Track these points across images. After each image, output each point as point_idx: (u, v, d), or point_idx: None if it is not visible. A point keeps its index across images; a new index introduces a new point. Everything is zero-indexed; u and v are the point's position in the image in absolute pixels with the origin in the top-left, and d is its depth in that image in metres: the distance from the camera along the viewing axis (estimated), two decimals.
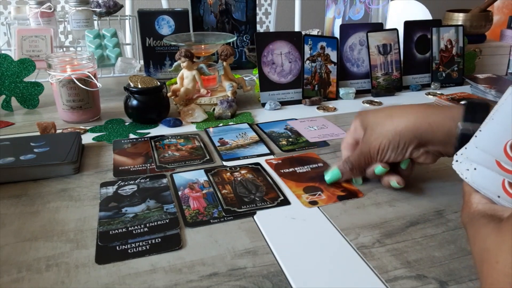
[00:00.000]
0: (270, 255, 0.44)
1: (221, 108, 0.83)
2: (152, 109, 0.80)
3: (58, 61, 0.79)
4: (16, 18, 1.10)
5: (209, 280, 0.41)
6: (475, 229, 0.37)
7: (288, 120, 0.83)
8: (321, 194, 0.56)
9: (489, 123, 0.39)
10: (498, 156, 0.37)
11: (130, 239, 0.47)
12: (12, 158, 0.61)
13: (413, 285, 0.40)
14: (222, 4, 1.13)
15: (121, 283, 0.41)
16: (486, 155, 0.38)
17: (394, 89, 0.99)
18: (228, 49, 0.87)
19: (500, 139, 0.37)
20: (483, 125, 0.40)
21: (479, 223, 0.37)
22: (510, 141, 0.37)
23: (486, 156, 0.38)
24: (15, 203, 0.54)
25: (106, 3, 1.09)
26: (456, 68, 1.05)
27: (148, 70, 1.08)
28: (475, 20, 1.16)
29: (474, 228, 0.38)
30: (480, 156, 0.39)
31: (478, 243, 0.36)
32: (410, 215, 0.51)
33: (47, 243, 0.46)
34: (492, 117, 0.39)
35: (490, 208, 0.38)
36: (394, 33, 0.99)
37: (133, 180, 0.59)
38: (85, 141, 0.73)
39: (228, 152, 0.69)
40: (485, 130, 0.39)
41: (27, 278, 0.41)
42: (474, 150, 0.40)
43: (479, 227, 0.37)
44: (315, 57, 0.93)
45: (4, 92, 0.87)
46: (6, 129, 0.80)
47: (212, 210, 0.52)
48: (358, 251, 0.45)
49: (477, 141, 0.40)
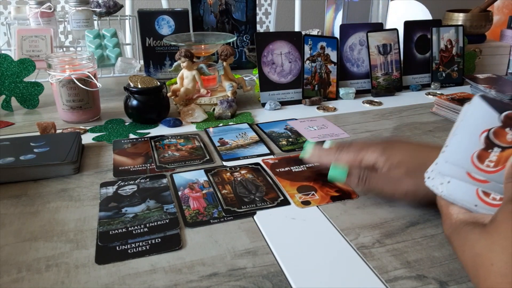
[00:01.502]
0: (270, 255, 0.44)
1: (221, 108, 0.83)
2: (152, 109, 0.80)
3: (58, 61, 0.79)
4: (16, 18, 1.10)
5: (209, 280, 0.41)
6: (461, 237, 0.38)
7: (288, 120, 0.83)
8: (314, 194, 0.56)
9: (453, 137, 0.41)
10: (468, 168, 0.39)
11: (130, 239, 0.47)
12: (12, 158, 0.61)
13: (413, 285, 0.40)
14: (222, 4, 1.13)
15: (121, 283, 0.41)
16: (457, 168, 0.40)
17: (394, 89, 0.99)
18: (228, 49, 0.87)
19: (467, 151, 0.39)
20: (448, 140, 0.42)
21: (464, 231, 0.38)
22: (476, 151, 0.39)
23: (457, 169, 0.40)
24: (15, 203, 0.54)
25: (106, 3, 1.09)
26: (456, 68, 1.05)
27: (148, 70, 1.08)
28: (475, 20, 1.16)
29: (460, 237, 0.38)
30: (452, 169, 0.40)
31: (467, 251, 0.37)
32: (410, 215, 0.51)
33: (47, 243, 0.46)
34: (455, 132, 0.41)
35: (471, 216, 0.39)
36: (394, 33, 0.99)
37: (133, 180, 0.59)
38: (85, 141, 0.73)
39: (228, 152, 0.69)
40: (451, 145, 0.41)
41: (27, 278, 0.41)
42: (444, 164, 0.41)
43: (466, 235, 0.37)
44: (315, 57, 0.93)
45: (4, 92, 0.87)
46: (6, 129, 0.80)
47: (212, 210, 0.52)
48: (358, 251, 0.45)
49: (446, 156, 0.41)
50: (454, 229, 0.39)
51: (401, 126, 0.80)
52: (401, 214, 0.52)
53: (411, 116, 0.85)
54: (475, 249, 0.36)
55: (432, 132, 0.77)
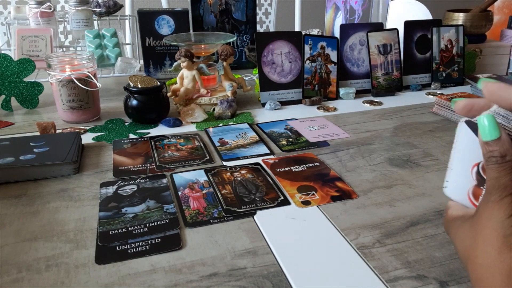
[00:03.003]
0: (270, 255, 0.44)
1: (221, 108, 0.83)
2: (152, 109, 0.80)
3: (58, 61, 0.79)
4: (16, 18, 1.10)
5: (209, 280, 0.41)
6: (454, 232, 0.38)
7: (288, 120, 0.83)
8: (314, 194, 0.56)
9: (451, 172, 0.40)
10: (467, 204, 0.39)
11: (130, 239, 0.47)
12: (12, 158, 0.61)
13: (413, 285, 0.40)
14: (222, 4, 1.13)
15: (121, 283, 0.40)
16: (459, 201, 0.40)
17: (394, 89, 0.99)
18: (228, 49, 0.87)
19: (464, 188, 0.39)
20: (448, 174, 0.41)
21: (455, 225, 0.38)
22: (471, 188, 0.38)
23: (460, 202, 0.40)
24: (15, 203, 0.54)
25: (106, 3, 1.09)
26: (456, 68, 1.05)
27: (148, 70, 1.08)
28: (475, 20, 1.16)
29: (453, 232, 0.38)
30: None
31: (459, 244, 0.37)
32: (410, 215, 0.51)
33: (47, 243, 0.46)
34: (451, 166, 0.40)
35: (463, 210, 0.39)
36: (394, 33, 0.99)
37: (133, 180, 0.59)
38: (85, 141, 0.73)
39: (228, 152, 0.69)
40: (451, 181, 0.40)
41: (27, 278, 0.41)
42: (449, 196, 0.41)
43: (457, 229, 0.38)
44: (315, 57, 0.93)
45: (4, 92, 0.87)
46: (6, 129, 0.80)
47: (212, 210, 0.52)
48: (358, 251, 0.45)
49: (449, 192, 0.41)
50: (448, 225, 0.40)
51: (401, 126, 0.80)
52: (401, 214, 0.52)
53: (411, 116, 0.85)
54: (465, 243, 0.36)
55: (432, 132, 0.77)
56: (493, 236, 0.33)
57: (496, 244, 0.33)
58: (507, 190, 0.33)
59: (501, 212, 0.33)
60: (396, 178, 0.60)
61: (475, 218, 0.35)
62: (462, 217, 0.38)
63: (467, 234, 0.36)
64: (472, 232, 0.35)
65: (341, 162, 0.65)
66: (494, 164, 0.34)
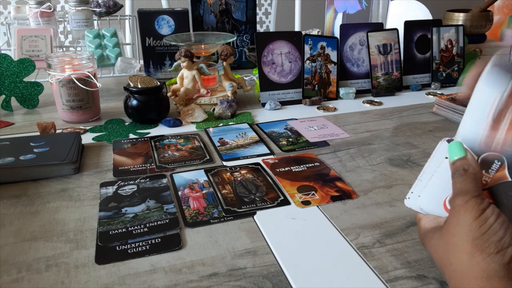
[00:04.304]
0: (270, 255, 0.44)
1: (221, 108, 0.83)
2: (152, 109, 0.80)
3: (58, 61, 0.79)
4: (16, 18, 1.10)
5: (209, 280, 0.41)
6: (428, 244, 0.39)
7: (288, 120, 0.83)
8: (314, 194, 0.56)
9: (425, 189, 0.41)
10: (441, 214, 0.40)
11: (130, 239, 0.47)
12: (12, 158, 0.61)
13: (413, 285, 0.40)
14: (222, 4, 1.13)
15: (121, 283, 0.40)
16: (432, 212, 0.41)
17: (394, 89, 0.99)
18: (228, 49, 0.87)
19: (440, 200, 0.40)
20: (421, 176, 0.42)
21: (428, 238, 0.39)
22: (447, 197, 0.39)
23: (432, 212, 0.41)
24: (15, 203, 0.54)
25: (106, 3, 1.09)
26: (456, 68, 1.05)
27: (148, 70, 1.08)
28: (475, 20, 1.16)
29: (427, 244, 0.39)
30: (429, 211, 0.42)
31: (434, 255, 0.38)
32: (410, 215, 0.51)
33: (46, 243, 0.46)
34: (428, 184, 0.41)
35: (435, 221, 0.40)
36: (394, 33, 0.99)
37: (133, 180, 0.59)
38: (85, 141, 0.73)
39: (228, 152, 0.69)
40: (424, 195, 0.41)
41: (26, 278, 0.41)
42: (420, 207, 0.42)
43: (430, 241, 0.39)
44: (315, 57, 0.93)
45: (4, 92, 0.87)
46: (6, 129, 0.80)
47: (212, 210, 0.52)
48: (358, 251, 0.45)
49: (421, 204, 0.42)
50: (423, 238, 0.41)
51: (401, 126, 0.80)
52: (401, 214, 0.52)
53: (411, 116, 0.85)
54: (438, 253, 0.37)
55: (432, 132, 0.77)
56: (463, 242, 0.34)
57: (467, 249, 0.33)
58: (470, 194, 0.35)
59: (467, 215, 0.34)
60: (396, 178, 0.60)
61: (445, 227, 0.36)
62: (433, 229, 0.39)
63: (439, 244, 0.37)
64: (444, 242, 0.36)
65: (341, 162, 0.65)
66: (459, 177, 0.36)
